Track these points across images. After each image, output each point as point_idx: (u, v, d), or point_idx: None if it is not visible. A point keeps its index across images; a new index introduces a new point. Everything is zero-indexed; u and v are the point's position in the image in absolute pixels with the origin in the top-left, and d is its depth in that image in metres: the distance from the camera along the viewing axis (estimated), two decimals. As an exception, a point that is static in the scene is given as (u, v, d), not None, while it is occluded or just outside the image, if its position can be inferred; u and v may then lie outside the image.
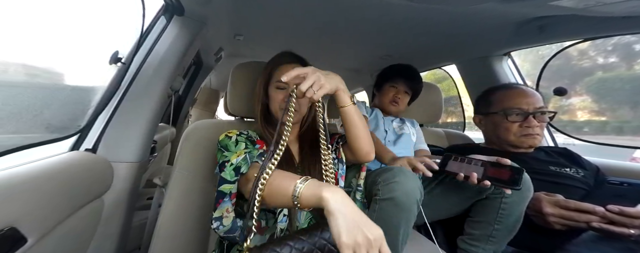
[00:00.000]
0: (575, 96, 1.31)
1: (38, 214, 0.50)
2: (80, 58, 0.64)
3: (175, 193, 0.75)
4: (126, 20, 0.75)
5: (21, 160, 0.54)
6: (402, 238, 0.59)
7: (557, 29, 0.89)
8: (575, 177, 0.81)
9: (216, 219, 0.52)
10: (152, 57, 0.86)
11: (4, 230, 0.43)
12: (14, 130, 0.48)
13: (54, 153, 0.63)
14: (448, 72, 1.73)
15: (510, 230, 0.69)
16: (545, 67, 1.10)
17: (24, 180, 0.49)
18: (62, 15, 0.55)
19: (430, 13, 0.91)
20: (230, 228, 0.52)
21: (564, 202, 0.69)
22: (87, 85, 0.69)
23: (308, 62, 0.73)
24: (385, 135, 1.01)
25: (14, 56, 0.49)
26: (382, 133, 1.02)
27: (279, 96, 0.68)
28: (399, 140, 1.00)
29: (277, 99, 0.68)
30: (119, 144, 0.78)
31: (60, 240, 0.55)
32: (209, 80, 2.48)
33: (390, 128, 1.04)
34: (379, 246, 0.39)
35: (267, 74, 0.71)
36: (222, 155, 0.59)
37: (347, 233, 0.38)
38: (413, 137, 1.04)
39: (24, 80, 0.50)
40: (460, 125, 1.76)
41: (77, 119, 0.67)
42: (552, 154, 0.91)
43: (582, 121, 1.35)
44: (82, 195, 0.63)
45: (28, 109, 0.49)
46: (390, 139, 1.00)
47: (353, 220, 0.39)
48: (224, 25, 1.15)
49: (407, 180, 0.58)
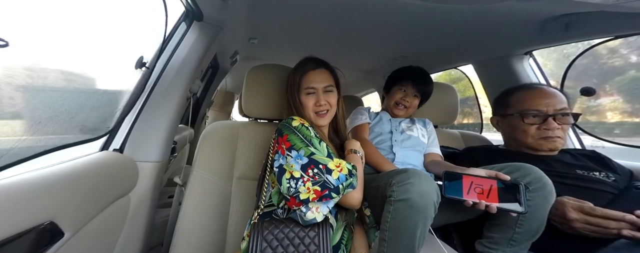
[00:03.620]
0: (604, 96, 1.23)
1: (73, 210, 0.54)
2: (110, 63, 0.69)
3: (194, 191, 0.78)
4: (150, 27, 0.79)
5: (58, 160, 0.58)
6: (418, 240, 0.58)
7: (585, 27, 0.84)
8: (606, 181, 0.77)
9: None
10: (173, 62, 0.90)
11: (45, 224, 0.47)
12: (52, 131, 0.52)
13: (86, 153, 0.68)
14: (464, 72, 1.68)
15: (532, 234, 0.66)
16: (570, 66, 1.04)
17: (61, 178, 0.53)
18: (94, 24, 0.59)
19: (447, 13, 0.89)
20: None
21: (590, 209, 0.65)
22: (116, 89, 0.73)
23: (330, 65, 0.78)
24: (391, 136, 0.99)
25: (53, 63, 0.54)
26: (387, 135, 1.00)
27: (310, 102, 0.73)
28: (406, 141, 0.97)
29: (309, 104, 0.73)
30: (143, 145, 0.83)
31: (92, 234, 0.59)
32: (225, 82, 2.55)
33: (398, 128, 1.01)
34: None
35: (296, 82, 0.75)
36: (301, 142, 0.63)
37: None
38: (424, 139, 1.01)
39: (63, 85, 0.54)
40: (477, 126, 1.71)
41: (107, 121, 0.72)
42: (579, 157, 0.87)
43: (612, 122, 1.27)
44: (111, 193, 0.67)
45: (65, 112, 0.53)
46: (397, 139, 0.98)
47: None
48: (239, 29, 1.18)
49: (422, 182, 0.58)
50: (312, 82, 0.74)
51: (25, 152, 0.45)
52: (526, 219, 0.65)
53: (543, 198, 0.63)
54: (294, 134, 0.64)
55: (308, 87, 0.73)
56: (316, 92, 0.74)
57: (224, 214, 0.79)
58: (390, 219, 0.59)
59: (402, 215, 0.58)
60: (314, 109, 0.73)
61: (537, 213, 0.64)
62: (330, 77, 0.76)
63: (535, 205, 0.63)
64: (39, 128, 0.47)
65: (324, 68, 0.76)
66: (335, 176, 0.58)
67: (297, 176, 0.57)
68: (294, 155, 0.60)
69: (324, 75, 0.75)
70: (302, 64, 0.77)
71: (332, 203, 0.59)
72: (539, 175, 0.64)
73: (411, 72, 1.05)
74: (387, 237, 0.60)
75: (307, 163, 0.59)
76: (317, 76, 0.74)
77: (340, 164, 0.61)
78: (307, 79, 0.74)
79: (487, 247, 0.70)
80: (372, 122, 1.05)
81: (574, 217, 0.65)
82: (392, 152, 0.95)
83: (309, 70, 0.75)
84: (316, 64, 0.76)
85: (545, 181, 0.64)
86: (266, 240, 0.57)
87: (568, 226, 0.67)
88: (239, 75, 2.30)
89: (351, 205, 0.64)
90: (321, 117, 0.74)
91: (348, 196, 0.62)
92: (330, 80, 0.76)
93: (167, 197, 1.27)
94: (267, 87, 0.86)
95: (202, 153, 0.82)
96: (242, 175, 0.82)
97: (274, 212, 0.65)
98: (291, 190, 0.57)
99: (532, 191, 0.63)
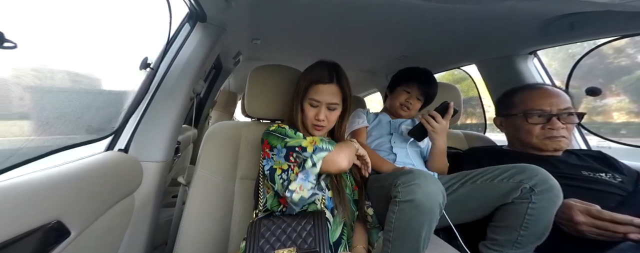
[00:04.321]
0: (611, 96, 1.22)
1: (79, 209, 0.54)
2: (116, 64, 0.70)
3: (197, 191, 0.78)
4: (155, 28, 0.80)
5: (65, 159, 0.59)
6: (423, 242, 0.58)
7: (590, 26, 0.83)
8: (612, 182, 0.76)
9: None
10: (177, 62, 0.91)
11: (52, 223, 0.48)
12: (59, 131, 0.53)
13: (92, 153, 0.69)
14: (467, 72, 1.67)
15: (538, 236, 0.65)
16: (576, 66, 1.03)
17: (67, 178, 0.53)
18: (100, 26, 0.60)
19: (449, 12, 0.89)
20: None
21: (597, 212, 0.64)
22: (121, 90, 0.74)
23: (343, 71, 0.75)
24: (390, 138, 0.98)
25: (60, 64, 0.54)
26: (386, 137, 0.99)
27: (311, 112, 0.73)
28: (405, 143, 0.97)
29: (310, 115, 0.73)
30: (147, 145, 0.83)
31: (98, 233, 0.60)
32: (228, 83, 2.57)
33: (398, 130, 1.01)
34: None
35: (302, 89, 0.74)
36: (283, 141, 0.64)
37: None
38: (427, 140, 1.00)
39: (69, 85, 0.55)
40: (480, 126, 1.70)
41: (112, 121, 0.72)
42: (585, 158, 0.86)
43: (619, 123, 1.25)
44: (116, 192, 0.67)
45: (72, 113, 0.54)
46: (397, 141, 0.97)
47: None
48: (242, 30, 1.19)
49: (428, 183, 0.58)
50: (318, 95, 0.71)
51: (33, 152, 0.46)
52: (531, 222, 0.64)
53: (549, 201, 0.62)
54: (272, 136, 0.66)
55: (312, 99, 0.72)
56: (319, 106, 0.72)
57: (227, 214, 0.79)
58: (395, 220, 0.59)
59: (407, 216, 0.58)
60: (312, 121, 0.73)
61: (542, 215, 0.63)
62: (338, 94, 0.73)
63: (540, 208, 0.62)
64: (46, 129, 0.48)
65: (335, 83, 0.72)
66: (311, 150, 0.60)
67: (286, 168, 0.60)
68: (275, 152, 0.63)
69: (333, 91, 0.72)
70: (316, 70, 0.73)
71: (312, 175, 0.58)
72: (545, 177, 0.63)
73: (418, 74, 1.03)
74: (391, 238, 0.60)
75: (286, 152, 0.62)
76: (325, 90, 0.71)
77: (314, 140, 0.62)
78: (314, 90, 0.72)
79: (491, 249, 0.70)
80: (371, 124, 1.04)
81: (581, 220, 0.65)
82: (392, 153, 0.94)
83: (319, 82, 0.72)
84: (329, 77, 0.72)
85: (552, 183, 0.63)
86: (263, 235, 0.57)
87: (575, 229, 0.66)
88: (241, 75, 2.31)
89: (337, 168, 0.61)
90: (317, 129, 0.74)
91: (327, 160, 0.59)
92: (337, 98, 0.73)
93: (171, 197, 1.28)
94: (270, 87, 0.87)
95: (205, 153, 0.82)
96: (245, 175, 0.83)
97: (273, 214, 0.65)
98: (284, 183, 0.58)
99: (538, 193, 0.62)
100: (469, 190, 0.72)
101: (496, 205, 0.69)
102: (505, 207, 0.68)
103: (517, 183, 0.64)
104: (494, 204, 0.69)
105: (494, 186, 0.68)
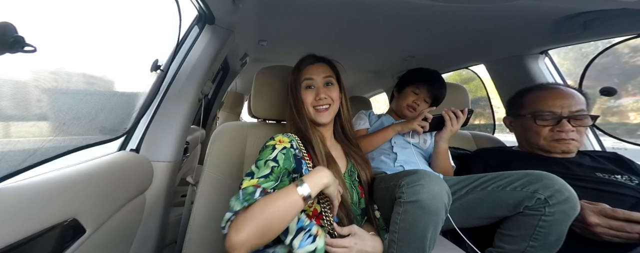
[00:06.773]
0: (626, 96, 1.18)
1: (94, 208, 0.56)
2: (128, 66, 0.72)
3: (205, 191, 0.79)
4: (165, 30, 0.81)
5: (80, 159, 0.61)
6: (429, 243, 0.58)
7: (605, 25, 0.81)
8: (628, 185, 0.73)
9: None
10: (186, 64, 0.92)
11: (68, 221, 0.49)
12: (75, 132, 0.55)
13: (105, 153, 0.71)
14: (476, 72, 1.64)
15: (548, 248, 0.61)
16: (589, 66, 1.00)
17: (83, 177, 0.55)
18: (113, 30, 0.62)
19: (457, 12, 0.88)
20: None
21: (611, 211, 0.62)
22: (132, 91, 0.76)
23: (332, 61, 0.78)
24: (391, 138, 0.96)
25: (76, 67, 0.56)
26: (387, 141, 0.97)
27: (309, 97, 0.72)
28: (408, 145, 0.96)
29: (308, 100, 0.72)
30: (157, 145, 0.85)
31: (111, 231, 0.62)
32: (235, 84, 2.60)
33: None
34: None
35: (294, 77, 0.74)
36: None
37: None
38: (429, 140, 0.99)
39: (84, 87, 0.57)
40: (489, 127, 1.67)
41: (124, 122, 0.74)
42: (599, 159, 0.83)
43: (635, 123, 1.21)
44: (128, 192, 0.69)
45: (87, 114, 0.56)
46: (397, 142, 0.96)
47: None
48: (249, 31, 1.20)
49: (432, 183, 0.56)
50: (309, 74, 0.73)
51: (50, 152, 0.48)
52: (542, 234, 0.60)
53: (563, 213, 0.59)
54: (259, 159, 0.62)
55: (306, 79, 0.72)
56: (315, 86, 0.72)
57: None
58: (400, 221, 0.58)
59: (412, 217, 0.57)
60: (313, 104, 0.71)
61: (555, 228, 0.60)
62: (329, 70, 0.75)
63: (554, 220, 0.59)
64: (63, 129, 0.50)
65: (322, 62, 0.76)
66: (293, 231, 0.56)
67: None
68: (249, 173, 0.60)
69: (323, 67, 0.75)
70: (300, 61, 0.77)
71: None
72: (561, 188, 0.59)
73: (428, 75, 1.01)
74: (396, 239, 0.59)
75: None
76: (315, 69, 0.74)
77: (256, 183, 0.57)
78: (305, 72, 0.74)
79: None
80: (373, 126, 1.04)
81: (596, 222, 0.63)
82: (393, 153, 0.94)
83: (307, 65, 0.75)
84: (314, 58, 0.76)
85: (569, 195, 0.58)
86: None
87: (589, 231, 0.64)
88: (248, 76, 2.33)
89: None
90: (321, 113, 0.71)
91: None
92: (329, 72, 0.75)
93: (180, 196, 1.30)
94: (275, 88, 0.87)
95: (213, 153, 0.83)
96: (252, 175, 0.84)
97: None
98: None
99: (552, 206, 0.59)
100: (478, 197, 0.69)
101: (506, 215, 0.66)
102: (516, 216, 0.64)
103: (531, 194, 0.60)
104: (504, 214, 0.66)
105: (506, 194, 0.64)
